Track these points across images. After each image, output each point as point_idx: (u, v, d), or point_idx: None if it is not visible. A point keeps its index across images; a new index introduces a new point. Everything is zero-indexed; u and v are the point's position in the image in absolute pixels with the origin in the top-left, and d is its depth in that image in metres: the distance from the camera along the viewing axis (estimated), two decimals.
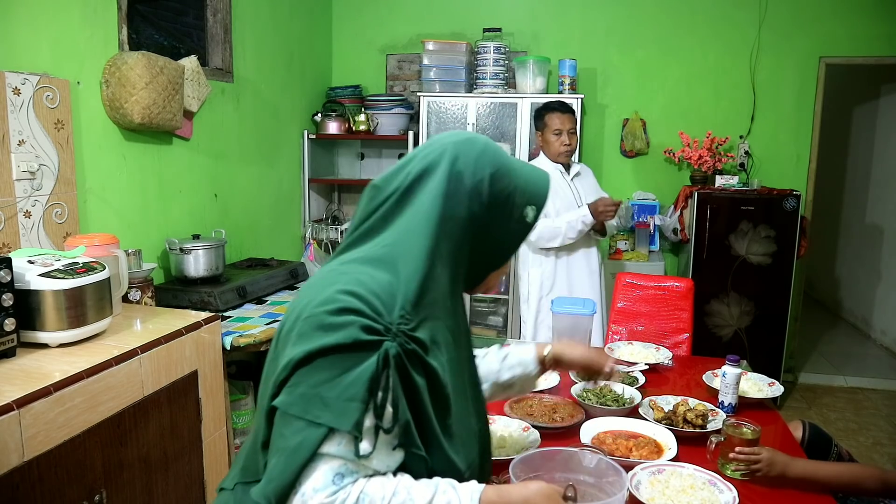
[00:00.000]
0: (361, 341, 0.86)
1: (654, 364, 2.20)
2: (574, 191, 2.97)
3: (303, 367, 0.87)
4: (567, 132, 2.93)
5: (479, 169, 0.96)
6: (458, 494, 0.92)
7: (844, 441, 3.23)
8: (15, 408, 1.39)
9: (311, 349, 0.86)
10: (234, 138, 3.39)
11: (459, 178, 0.95)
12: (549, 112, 2.96)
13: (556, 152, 2.95)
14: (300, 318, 0.90)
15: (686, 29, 4.10)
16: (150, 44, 2.96)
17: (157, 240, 2.84)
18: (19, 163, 2.10)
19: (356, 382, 0.86)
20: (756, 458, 1.43)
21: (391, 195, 0.97)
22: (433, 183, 0.95)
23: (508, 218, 0.99)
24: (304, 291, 0.96)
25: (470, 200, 0.95)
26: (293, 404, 0.86)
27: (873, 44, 3.89)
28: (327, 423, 0.85)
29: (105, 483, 1.67)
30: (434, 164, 0.97)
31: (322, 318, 0.87)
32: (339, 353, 0.86)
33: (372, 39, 4.52)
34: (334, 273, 0.94)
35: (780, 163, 4.08)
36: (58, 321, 1.73)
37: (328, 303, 0.88)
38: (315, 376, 0.86)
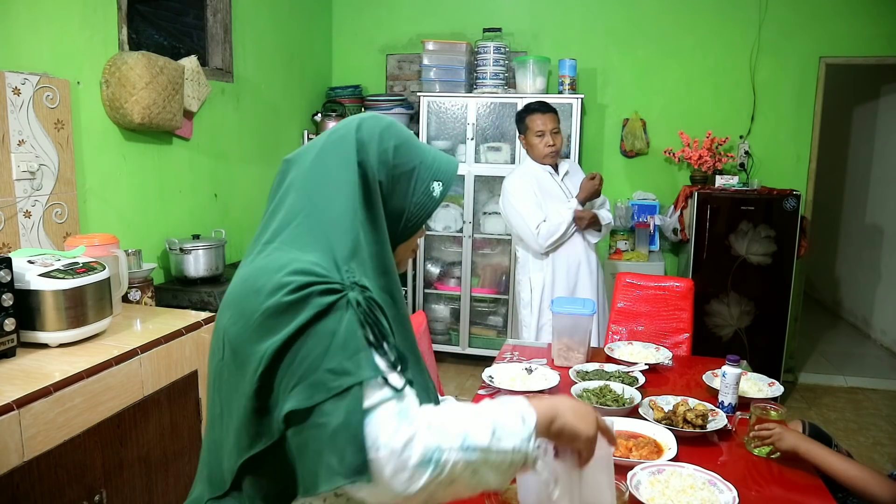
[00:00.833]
0: (327, 305, 0.86)
1: (654, 364, 2.20)
2: (566, 191, 2.93)
3: (285, 355, 0.85)
4: (550, 132, 2.87)
5: (384, 139, 1.01)
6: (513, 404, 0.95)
7: (844, 441, 3.23)
8: (15, 408, 1.39)
9: (287, 335, 0.85)
10: (234, 138, 3.40)
11: (365, 148, 0.99)
12: (530, 114, 2.90)
13: (541, 154, 2.90)
14: (254, 313, 0.88)
15: (686, 29, 4.10)
16: (150, 44, 2.96)
17: (157, 240, 2.84)
18: (19, 163, 2.10)
19: (348, 337, 0.86)
20: (770, 432, 1.54)
21: (303, 166, 1.00)
22: (343, 152, 0.99)
23: (414, 189, 1.03)
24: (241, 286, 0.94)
25: (377, 167, 0.99)
26: (312, 395, 0.83)
27: (873, 44, 3.89)
28: (354, 382, 0.84)
29: (105, 483, 1.67)
30: (342, 136, 1.01)
31: (279, 304, 0.86)
32: (315, 326, 0.85)
33: (372, 39, 4.52)
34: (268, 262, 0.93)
35: (780, 163, 4.08)
36: (58, 321, 1.73)
37: (278, 289, 0.87)
38: (308, 359, 0.84)
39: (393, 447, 0.82)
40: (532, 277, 2.97)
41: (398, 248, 1.06)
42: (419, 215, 1.04)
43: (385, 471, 0.82)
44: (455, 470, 0.85)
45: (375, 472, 0.82)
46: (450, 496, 0.88)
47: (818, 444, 1.56)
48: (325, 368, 0.84)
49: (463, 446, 0.85)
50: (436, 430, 0.85)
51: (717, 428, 1.67)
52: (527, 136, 2.93)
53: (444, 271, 4.38)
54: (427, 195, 1.04)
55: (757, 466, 1.58)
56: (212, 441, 0.98)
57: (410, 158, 1.03)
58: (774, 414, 1.62)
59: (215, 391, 0.96)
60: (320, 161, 0.99)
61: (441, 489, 0.85)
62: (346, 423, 0.82)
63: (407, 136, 1.05)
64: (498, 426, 0.90)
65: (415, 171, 1.03)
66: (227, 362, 0.92)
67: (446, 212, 4.22)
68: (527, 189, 2.88)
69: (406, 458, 0.82)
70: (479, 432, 0.87)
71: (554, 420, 0.97)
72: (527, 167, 2.97)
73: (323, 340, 0.85)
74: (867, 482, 1.46)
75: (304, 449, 0.85)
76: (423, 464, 0.83)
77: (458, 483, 0.86)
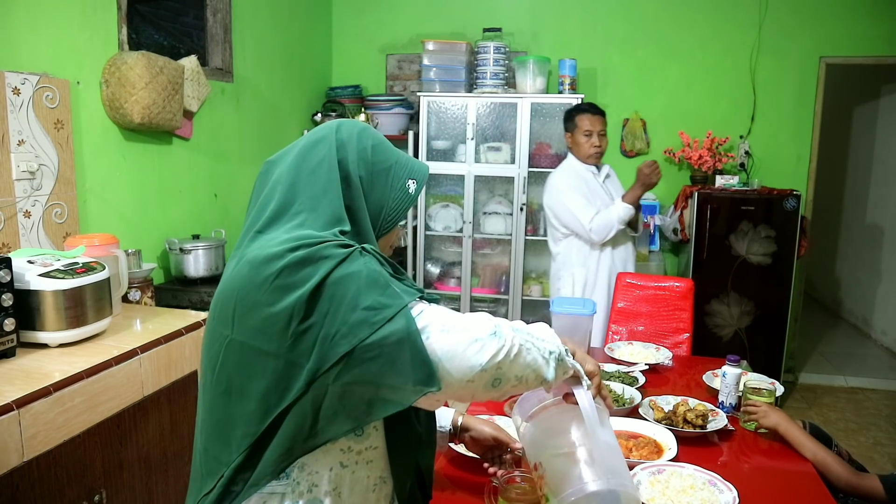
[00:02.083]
0: (345, 254, 0.92)
1: (654, 364, 2.20)
2: (607, 192, 3.00)
3: (316, 304, 0.88)
4: (597, 134, 2.96)
5: (362, 139, 1.07)
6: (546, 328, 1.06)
7: (844, 441, 3.23)
8: (15, 408, 1.39)
9: (315, 283, 0.88)
10: (234, 138, 3.39)
11: (345, 147, 1.05)
12: (580, 113, 2.98)
13: (586, 154, 2.98)
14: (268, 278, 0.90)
15: (686, 29, 4.10)
16: (150, 44, 2.96)
17: (157, 240, 2.84)
18: (19, 163, 2.10)
19: (375, 276, 0.92)
20: (756, 408, 1.70)
21: (286, 165, 1.05)
22: (324, 151, 1.04)
23: (392, 186, 1.08)
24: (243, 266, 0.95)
25: (358, 164, 1.05)
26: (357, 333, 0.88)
27: (873, 44, 3.89)
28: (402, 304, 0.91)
29: (105, 483, 1.67)
30: (322, 137, 1.06)
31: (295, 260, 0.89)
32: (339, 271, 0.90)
33: (372, 39, 4.52)
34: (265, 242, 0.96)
35: (780, 163, 4.07)
36: (57, 321, 1.73)
37: (289, 251, 0.91)
38: (344, 302, 0.89)
39: (463, 325, 0.93)
40: (574, 273, 2.99)
41: (378, 242, 1.09)
42: (397, 210, 1.09)
43: (459, 347, 0.91)
44: (514, 344, 0.95)
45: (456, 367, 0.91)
46: (513, 381, 0.96)
47: (797, 426, 1.67)
48: (362, 307, 0.89)
49: (514, 328, 0.98)
50: (486, 317, 0.97)
51: (717, 428, 1.67)
52: (574, 134, 3.00)
53: (444, 271, 4.38)
54: (403, 192, 1.09)
55: (757, 467, 1.59)
56: (215, 422, 0.99)
57: (387, 157, 1.09)
58: (766, 393, 1.76)
59: (221, 370, 0.97)
60: (302, 160, 1.04)
61: (505, 365, 0.94)
62: (403, 340, 0.89)
63: (382, 138, 1.12)
64: (538, 336, 1.02)
65: (391, 169, 1.08)
66: (236, 338, 0.94)
67: (446, 212, 4.22)
68: (575, 185, 2.95)
69: (475, 333, 0.93)
70: (523, 327, 1.01)
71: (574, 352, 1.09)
72: (572, 165, 3.03)
73: (352, 283, 0.90)
74: (829, 465, 1.58)
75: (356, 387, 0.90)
76: (490, 335, 0.93)
77: (518, 362, 0.95)
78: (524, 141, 3.94)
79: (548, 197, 3.04)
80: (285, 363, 0.90)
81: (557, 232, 3.04)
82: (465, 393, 0.95)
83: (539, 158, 4.04)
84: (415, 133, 4.13)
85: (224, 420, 0.97)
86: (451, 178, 4.17)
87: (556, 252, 3.09)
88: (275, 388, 0.92)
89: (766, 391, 1.77)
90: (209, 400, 1.00)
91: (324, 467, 0.97)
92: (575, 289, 2.99)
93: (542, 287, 4.20)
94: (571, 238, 2.99)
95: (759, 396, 1.76)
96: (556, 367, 1.02)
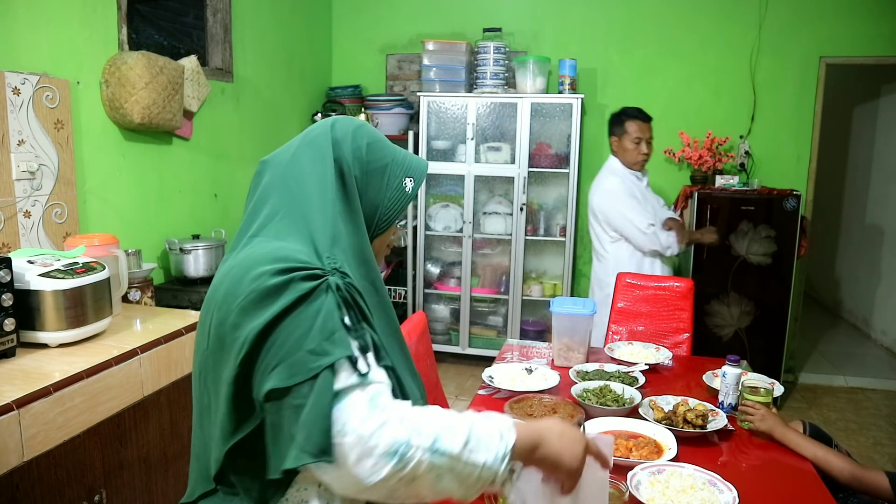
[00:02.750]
0: (309, 289, 0.88)
1: (654, 364, 2.20)
2: (649, 196, 3.03)
3: (267, 338, 0.86)
4: (646, 141, 2.96)
5: (357, 137, 1.05)
6: (495, 421, 0.93)
7: (844, 441, 3.23)
8: (15, 408, 1.39)
9: (269, 318, 0.86)
10: (234, 138, 3.40)
11: (340, 145, 1.03)
12: (630, 119, 2.96)
13: (633, 160, 2.97)
14: (237, 298, 0.90)
15: (686, 29, 4.09)
16: (150, 44, 2.96)
17: (157, 240, 2.84)
18: (19, 163, 2.10)
19: (327, 318, 0.88)
20: (753, 412, 1.69)
21: (281, 165, 1.04)
22: (319, 150, 1.03)
23: (388, 185, 1.07)
24: (226, 276, 0.95)
25: (352, 162, 1.03)
26: (292, 375, 0.85)
27: (873, 44, 3.89)
28: (329, 363, 0.85)
29: (105, 483, 1.67)
30: (317, 136, 1.05)
31: (262, 288, 0.88)
32: (297, 308, 0.87)
33: (372, 39, 4.52)
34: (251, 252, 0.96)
35: (780, 163, 4.07)
36: (57, 321, 1.73)
37: (261, 275, 0.89)
38: (290, 340, 0.86)
39: (361, 433, 0.83)
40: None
41: (374, 242, 1.08)
42: (393, 209, 1.08)
43: (351, 455, 0.82)
44: (419, 469, 0.84)
45: (340, 455, 0.83)
46: (411, 497, 0.87)
47: (793, 429, 1.68)
48: (305, 349, 0.86)
49: (432, 448, 0.85)
50: (408, 425, 0.85)
51: (717, 428, 1.67)
52: (621, 140, 2.99)
53: (444, 271, 4.38)
54: (400, 190, 1.08)
55: (757, 467, 1.59)
56: (201, 436, 0.99)
57: (383, 156, 1.07)
58: (763, 392, 1.75)
59: (202, 384, 0.99)
60: (297, 160, 1.03)
61: (402, 486, 0.84)
62: (317, 403, 0.83)
63: (378, 136, 1.10)
64: (473, 437, 0.88)
65: (387, 167, 1.07)
66: (211, 350, 0.94)
67: (446, 212, 4.22)
68: (629, 189, 2.95)
69: (373, 445, 0.82)
70: (452, 438, 0.87)
71: (538, 446, 0.95)
72: (617, 169, 3.02)
73: (304, 322, 0.87)
74: (830, 461, 1.59)
75: (278, 428, 0.87)
76: (388, 454, 0.82)
77: (419, 483, 0.85)
78: (524, 141, 3.94)
79: (600, 200, 3.01)
80: (235, 391, 0.89)
81: (606, 235, 3.02)
82: None
83: (539, 158, 4.04)
84: (415, 133, 4.13)
85: (207, 435, 0.97)
86: (451, 178, 4.17)
87: (605, 254, 3.06)
88: (228, 417, 0.91)
89: (764, 390, 1.76)
90: (196, 411, 1.00)
91: (312, 483, 0.94)
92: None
93: (542, 287, 4.20)
94: (624, 241, 2.99)
95: (756, 396, 1.75)
96: (480, 487, 0.90)
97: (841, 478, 1.57)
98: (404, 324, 2.06)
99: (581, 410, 1.75)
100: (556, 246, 4.17)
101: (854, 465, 1.60)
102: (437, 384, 2.21)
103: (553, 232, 4.14)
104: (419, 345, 2.06)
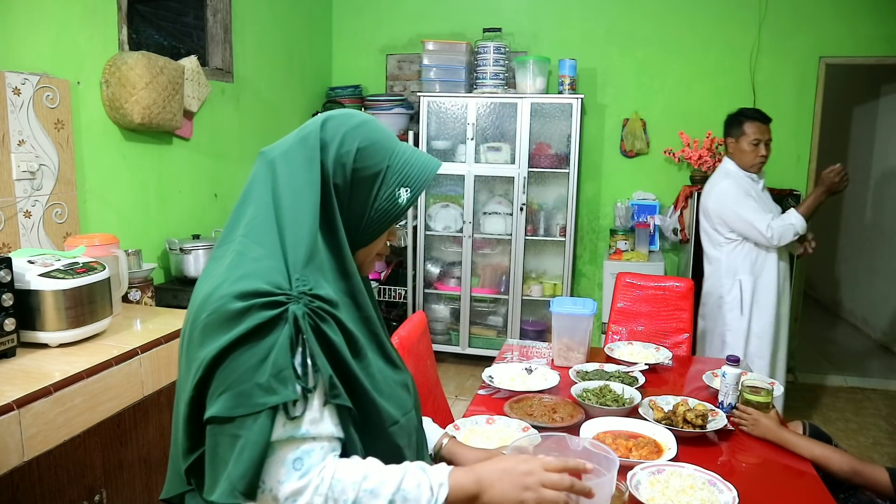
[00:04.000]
0: (269, 318, 0.86)
1: (654, 364, 2.20)
2: (766, 199, 2.94)
3: (221, 364, 0.86)
4: (765, 143, 2.86)
5: (346, 142, 0.98)
6: (427, 475, 0.92)
7: (844, 441, 3.23)
8: (15, 408, 1.39)
9: (223, 344, 0.85)
10: (234, 138, 3.40)
11: (327, 149, 0.97)
12: (749, 121, 2.87)
13: (751, 162, 2.88)
14: (202, 314, 0.89)
15: (686, 29, 4.10)
16: (150, 44, 2.96)
17: (157, 240, 2.84)
18: (19, 163, 2.10)
19: (279, 354, 0.86)
20: (746, 417, 1.70)
21: (272, 161, 0.99)
22: (306, 151, 0.97)
23: (377, 195, 0.99)
24: (203, 283, 0.95)
25: (333, 170, 0.97)
26: (237, 405, 0.85)
27: (873, 44, 3.89)
28: (271, 404, 0.84)
29: (105, 483, 1.67)
30: (308, 135, 0.99)
31: (224, 310, 0.87)
32: (253, 338, 0.86)
33: (372, 39, 4.52)
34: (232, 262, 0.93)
35: (780, 163, 4.06)
36: (58, 321, 1.73)
37: (227, 296, 0.88)
38: (240, 369, 0.85)
39: (276, 495, 0.85)
40: (742, 280, 2.89)
41: (358, 253, 1.03)
42: (380, 222, 1.01)
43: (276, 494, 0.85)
44: None
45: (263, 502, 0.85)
46: None
47: (789, 430, 1.68)
48: (254, 382, 0.85)
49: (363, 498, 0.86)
50: (322, 495, 0.86)
51: (717, 428, 1.67)
52: (739, 141, 2.89)
53: (444, 271, 4.38)
54: (391, 201, 1.00)
55: (757, 466, 1.59)
56: (174, 439, 0.99)
57: (376, 162, 0.99)
58: (763, 393, 1.75)
59: (179, 386, 0.98)
60: (286, 159, 0.98)
61: None
62: (255, 443, 0.84)
63: (376, 139, 1.00)
64: (399, 497, 0.88)
65: (379, 175, 0.99)
66: (181, 366, 0.94)
67: (446, 212, 4.22)
68: (746, 190, 2.86)
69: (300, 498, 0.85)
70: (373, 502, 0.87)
71: (478, 496, 0.93)
72: (732, 171, 2.93)
73: (257, 354, 0.86)
74: (829, 458, 1.59)
75: (215, 451, 0.86)
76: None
77: None
78: (524, 141, 3.94)
79: (715, 203, 2.90)
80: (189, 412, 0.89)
81: (720, 237, 2.92)
82: None
83: (539, 158, 4.04)
84: (415, 133, 4.13)
85: (176, 443, 0.97)
86: (451, 178, 4.18)
87: (718, 257, 2.95)
88: (184, 437, 0.91)
89: (765, 391, 1.77)
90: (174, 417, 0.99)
91: None
92: (744, 296, 2.88)
93: (542, 287, 4.20)
94: (738, 244, 2.89)
95: (756, 396, 1.75)
96: None
97: (841, 473, 1.57)
98: (404, 324, 2.06)
99: (581, 410, 1.75)
100: (556, 246, 4.17)
101: (854, 460, 1.60)
102: (437, 384, 2.21)
103: (553, 232, 4.14)
104: (419, 345, 2.06)
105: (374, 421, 0.97)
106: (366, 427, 0.96)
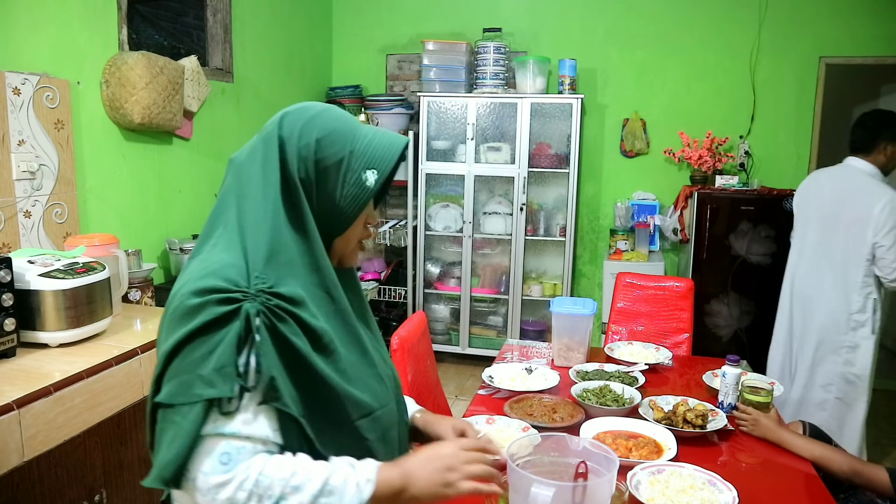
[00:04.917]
0: (221, 314, 0.89)
1: (654, 364, 2.20)
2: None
3: (175, 357, 0.89)
4: None
5: (304, 135, 0.98)
6: (354, 471, 0.93)
7: None
8: (15, 408, 1.39)
9: (178, 338, 0.88)
10: (234, 138, 3.40)
11: (286, 145, 0.98)
12: None
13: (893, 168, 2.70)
14: (167, 311, 0.94)
15: (686, 29, 4.10)
16: (150, 44, 2.96)
17: (157, 240, 2.84)
18: (19, 163, 2.10)
19: (225, 350, 0.88)
20: (746, 417, 1.70)
21: (237, 166, 1.01)
22: (266, 151, 0.99)
23: (344, 181, 1.00)
24: (176, 285, 0.98)
25: (297, 164, 0.98)
26: (179, 393, 0.87)
27: (873, 44, 3.89)
28: (207, 396, 0.86)
29: (105, 483, 1.67)
30: (267, 135, 1.00)
31: (182, 306, 0.90)
32: (205, 333, 0.88)
33: (372, 39, 4.52)
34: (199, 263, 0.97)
35: (780, 163, 4.08)
36: (58, 321, 1.73)
37: (186, 293, 0.91)
38: (187, 361, 0.88)
39: (199, 486, 0.86)
40: (876, 298, 2.70)
41: (335, 243, 1.05)
42: (351, 207, 1.01)
43: (195, 496, 0.87)
44: None
45: (188, 491, 0.88)
46: None
47: (789, 431, 1.68)
48: (197, 373, 0.88)
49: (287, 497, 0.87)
50: (247, 490, 0.86)
51: (717, 428, 1.67)
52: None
53: (444, 271, 4.38)
54: (359, 185, 1.00)
55: (757, 466, 1.59)
56: None
57: (338, 149, 0.99)
58: (764, 393, 1.76)
59: None
60: (250, 161, 1.00)
61: None
62: (186, 432, 0.86)
63: (334, 126, 1.01)
64: (325, 494, 0.89)
65: (343, 161, 0.99)
66: None
67: (446, 212, 4.22)
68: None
69: (210, 500, 0.86)
70: (298, 497, 0.88)
71: (403, 490, 0.95)
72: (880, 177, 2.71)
73: (205, 347, 0.88)
74: (829, 458, 1.60)
75: (158, 438, 0.90)
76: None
77: None
78: (524, 141, 3.94)
79: (892, 212, 2.56)
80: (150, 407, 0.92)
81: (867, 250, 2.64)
82: None
83: (539, 158, 4.04)
84: (415, 133, 4.13)
85: None
86: (451, 178, 4.18)
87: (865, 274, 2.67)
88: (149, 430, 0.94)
89: (765, 391, 1.77)
90: None
91: None
92: (876, 314, 2.71)
93: (542, 287, 4.20)
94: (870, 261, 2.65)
95: (757, 396, 1.76)
96: None
97: (841, 473, 1.57)
98: (404, 324, 2.06)
99: (581, 410, 1.75)
100: (556, 246, 4.17)
101: (854, 460, 1.61)
102: (437, 384, 2.21)
103: (553, 232, 4.14)
104: (419, 345, 2.06)
105: (337, 415, 0.98)
106: (326, 421, 0.97)
